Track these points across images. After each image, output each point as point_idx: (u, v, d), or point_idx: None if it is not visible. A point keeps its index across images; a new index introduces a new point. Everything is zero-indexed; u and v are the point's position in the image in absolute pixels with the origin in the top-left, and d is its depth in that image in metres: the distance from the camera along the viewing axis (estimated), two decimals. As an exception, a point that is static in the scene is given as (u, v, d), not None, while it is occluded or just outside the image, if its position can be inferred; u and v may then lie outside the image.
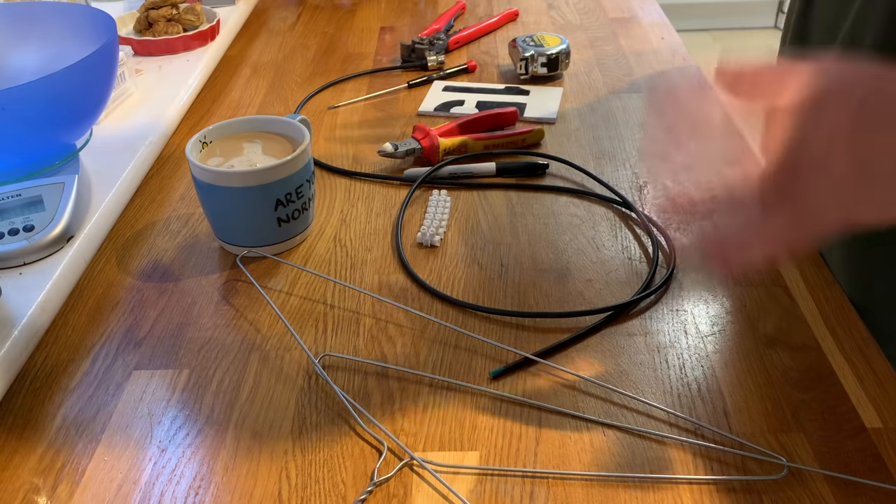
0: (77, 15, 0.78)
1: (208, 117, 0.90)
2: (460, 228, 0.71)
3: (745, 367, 0.56)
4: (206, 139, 0.68)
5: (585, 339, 0.59)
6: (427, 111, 0.90)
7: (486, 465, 0.49)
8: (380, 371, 0.56)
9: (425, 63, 0.99)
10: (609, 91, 0.93)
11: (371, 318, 0.61)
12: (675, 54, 1.02)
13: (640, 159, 0.55)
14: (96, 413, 0.54)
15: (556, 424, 0.52)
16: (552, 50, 0.94)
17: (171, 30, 1.01)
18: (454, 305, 0.62)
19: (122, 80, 0.89)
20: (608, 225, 0.71)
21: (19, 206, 0.66)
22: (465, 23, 1.13)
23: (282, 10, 1.19)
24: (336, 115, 0.90)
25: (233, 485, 0.49)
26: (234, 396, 0.55)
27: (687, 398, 0.53)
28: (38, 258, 0.64)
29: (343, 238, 0.70)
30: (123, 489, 0.49)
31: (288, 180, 0.64)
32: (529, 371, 0.56)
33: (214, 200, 0.66)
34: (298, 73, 1.00)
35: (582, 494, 0.47)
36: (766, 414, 0.52)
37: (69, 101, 0.70)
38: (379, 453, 0.50)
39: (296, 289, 0.64)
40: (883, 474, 0.48)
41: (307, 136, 0.67)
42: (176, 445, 0.51)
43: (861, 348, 0.57)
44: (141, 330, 0.61)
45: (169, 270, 0.67)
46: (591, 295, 0.63)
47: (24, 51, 0.80)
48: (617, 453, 0.50)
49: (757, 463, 0.49)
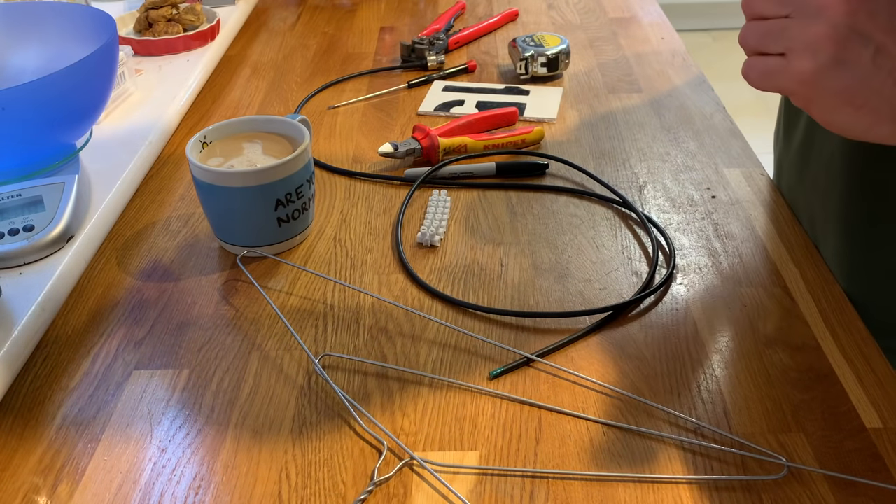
0: (77, 15, 0.78)
1: (208, 117, 0.90)
2: (460, 228, 0.71)
3: (745, 367, 0.56)
4: (206, 139, 0.68)
5: (585, 339, 0.59)
6: (427, 111, 0.90)
7: (486, 465, 0.49)
8: (380, 371, 0.56)
9: (425, 63, 0.99)
10: (609, 91, 0.93)
11: (371, 318, 0.61)
12: (675, 54, 1.02)
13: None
14: (96, 413, 0.54)
15: (556, 424, 0.52)
16: (552, 50, 0.94)
17: (171, 30, 1.01)
18: (454, 305, 0.62)
19: (122, 80, 0.89)
20: (608, 225, 0.71)
21: (19, 206, 0.66)
22: (465, 23, 1.13)
23: (282, 10, 1.19)
24: (336, 115, 0.90)
25: (233, 485, 0.49)
26: (234, 396, 0.55)
27: (687, 398, 0.53)
28: (38, 258, 0.64)
29: (343, 238, 0.70)
30: (123, 489, 0.49)
31: (288, 180, 0.64)
32: (529, 371, 0.56)
33: (214, 200, 0.66)
34: (298, 73, 1.00)
35: (582, 494, 0.47)
36: (766, 414, 0.52)
37: (69, 101, 0.70)
38: (379, 453, 0.50)
39: (296, 289, 0.64)
40: (883, 474, 0.48)
41: (307, 136, 0.67)
42: (176, 445, 0.51)
43: (861, 348, 0.57)
44: (141, 330, 0.61)
45: (169, 270, 0.67)
46: (591, 295, 0.63)
47: (24, 51, 0.80)
48: (617, 453, 0.50)
49: (757, 463, 0.49)
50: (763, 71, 0.49)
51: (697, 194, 0.74)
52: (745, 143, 0.83)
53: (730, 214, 0.71)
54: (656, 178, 0.77)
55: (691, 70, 0.98)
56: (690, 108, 0.89)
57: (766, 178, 0.76)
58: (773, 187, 0.75)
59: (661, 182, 0.76)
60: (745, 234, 0.69)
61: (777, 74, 0.48)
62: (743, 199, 0.73)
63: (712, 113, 0.88)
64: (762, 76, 0.49)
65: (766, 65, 0.48)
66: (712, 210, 0.72)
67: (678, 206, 0.73)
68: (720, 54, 3.22)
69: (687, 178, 0.77)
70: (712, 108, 0.89)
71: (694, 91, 0.93)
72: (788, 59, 0.47)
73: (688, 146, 0.82)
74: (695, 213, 0.72)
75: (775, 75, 0.48)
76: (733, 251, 0.67)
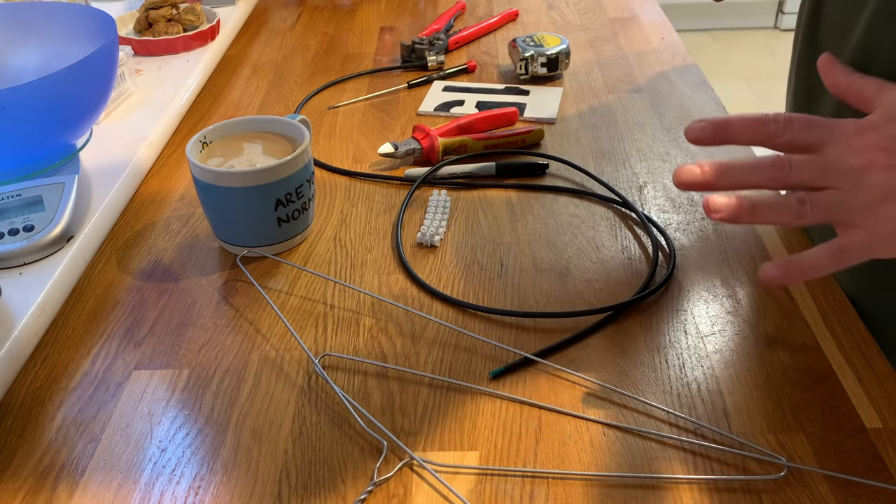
0: (77, 15, 0.78)
1: (208, 117, 0.90)
2: (460, 228, 0.71)
3: (745, 367, 0.56)
4: (206, 139, 0.68)
5: (585, 339, 0.59)
6: (427, 111, 0.90)
7: (486, 465, 0.49)
8: (380, 371, 0.56)
9: (425, 63, 0.99)
10: (609, 91, 0.93)
11: (371, 318, 0.61)
12: (675, 54, 1.02)
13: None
14: (96, 413, 0.54)
15: (556, 424, 0.52)
16: (552, 50, 0.94)
17: (171, 30, 1.01)
18: (454, 305, 0.62)
19: (122, 80, 0.89)
20: (608, 225, 0.71)
21: (19, 206, 0.66)
22: (465, 23, 1.13)
23: (282, 10, 1.19)
24: (336, 115, 0.90)
25: (233, 485, 0.49)
26: (234, 396, 0.55)
27: (687, 398, 0.53)
28: (38, 258, 0.64)
29: (343, 238, 0.70)
30: (123, 489, 0.49)
31: (288, 180, 0.64)
32: (529, 371, 0.56)
33: (214, 200, 0.66)
34: (298, 73, 1.00)
35: (582, 494, 0.47)
36: (765, 414, 0.52)
37: (69, 101, 0.70)
38: (379, 453, 0.50)
39: (296, 289, 0.64)
40: (883, 474, 0.48)
41: (307, 136, 0.67)
42: (176, 445, 0.51)
43: (861, 348, 0.57)
44: (141, 330, 0.61)
45: (169, 270, 0.67)
46: (591, 295, 0.63)
47: (24, 51, 0.80)
48: (617, 453, 0.50)
49: (757, 463, 0.49)
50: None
51: (697, 194, 0.74)
52: (745, 143, 0.83)
53: (730, 214, 0.71)
54: (656, 178, 0.77)
55: (691, 70, 0.98)
56: (690, 108, 0.89)
57: (766, 178, 0.76)
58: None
59: (661, 182, 0.76)
60: (745, 234, 0.69)
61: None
62: (743, 199, 0.73)
63: (712, 113, 0.88)
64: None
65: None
66: (712, 210, 0.72)
67: (678, 206, 0.73)
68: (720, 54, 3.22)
69: (687, 178, 0.77)
70: (712, 108, 0.89)
71: (694, 91, 0.93)
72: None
73: (688, 146, 0.82)
74: (695, 213, 0.72)
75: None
76: (733, 251, 0.67)
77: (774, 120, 0.48)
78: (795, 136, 0.48)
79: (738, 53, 3.23)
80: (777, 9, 3.42)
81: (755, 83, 3.00)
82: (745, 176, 0.48)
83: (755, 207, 0.47)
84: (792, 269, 0.47)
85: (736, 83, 3.00)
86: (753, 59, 3.19)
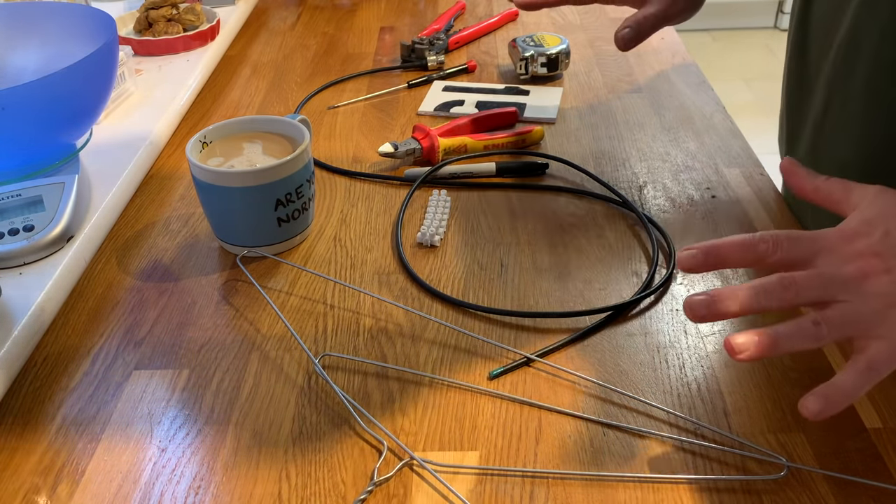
0: (77, 15, 0.78)
1: (208, 117, 0.90)
2: (460, 228, 0.71)
3: (745, 367, 0.56)
4: (206, 139, 0.68)
5: (585, 339, 0.59)
6: (427, 111, 0.90)
7: (486, 465, 0.49)
8: (380, 371, 0.56)
9: (425, 63, 0.99)
10: (609, 91, 0.93)
11: (371, 318, 0.61)
12: (674, 54, 1.02)
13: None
14: (96, 413, 0.54)
15: (556, 424, 0.52)
16: (552, 50, 0.94)
17: (171, 30, 1.01)
18: (454, 305, 0.62)
19: (122, 80, 0.89)
20: (608, 225, 0.71)
21: (19, 206, 0.66)
22: (464, 23, 1.13)
23: (282, 10, 1.19)
24: (336, 115, 0.90)
25: (233, 485, 0.49)
26: (234, 396, 0.55)
27: (687, 398, 0.53)
28: (38, 258, 0.64)
29: (343, 238, 0.70)
30: (123, 489, 0.49)
31: (288, 180, 0.64)
32: (529, 371, 0.56)
33: (214, 200, 0.66)
34: (298, 73, 1.00)
35: (582, 494, 0.47)
36: (766, 414, 0.52)
37: (69, 101, 0.70)
38: (379, 453, 0.50)
39: (296, 289, 0.64)
40: (883, 474, 0.48)
41: (307, 136, 0.67)
42: (176, 445, 0.51)
43: (861, 348, 0.57)
44: (141, 330, 0.61)
45: (169, 270, 0.67)
46: (591, 295, 0.63)
47: (24, 51, 0.80)
48: (617, 453, 0.50)
49: (757, 463, 0.49)
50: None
51: (697, 194, 0.74)
52: (745, 143, 0.83)
53: (730, 214, 0.71)
54: (656, 178, 0.77)
55: (691, 70, 0.98)
56: (690, 108, 0.89)
57: (766, 178, 0.76)
58: (773, 187, 0.75)
59: (661, 182, 0.76)
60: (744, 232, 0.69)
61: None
62: (743, 199, 0.73)
63: (712, 113, 0.88)
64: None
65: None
66: (712, 210, 0.72)
67: (678, 206, 0.73)
68: (720, 54, 3.22)
69: (687, 178, 0.77)
70: (712, 108, 0.89)
71: (694, 91, 0.93)
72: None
73: (688, 146, 0.82)
74: (695, 213, 0.72)
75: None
76: (733, 251, 0.67)
77: (762, 240, 0.47)
78: (786, 254, 0.47)
79: (738, 53, 3.23)
80: (777, 9, 3.42)
81: (755, 83, 3.00)
82: (758, 301, 0.46)
83: (777, 342, 0.45)
84: (832, 399, 0.45)
85: (736, 83, 3.00)
86: (753, 59, 3.19)
